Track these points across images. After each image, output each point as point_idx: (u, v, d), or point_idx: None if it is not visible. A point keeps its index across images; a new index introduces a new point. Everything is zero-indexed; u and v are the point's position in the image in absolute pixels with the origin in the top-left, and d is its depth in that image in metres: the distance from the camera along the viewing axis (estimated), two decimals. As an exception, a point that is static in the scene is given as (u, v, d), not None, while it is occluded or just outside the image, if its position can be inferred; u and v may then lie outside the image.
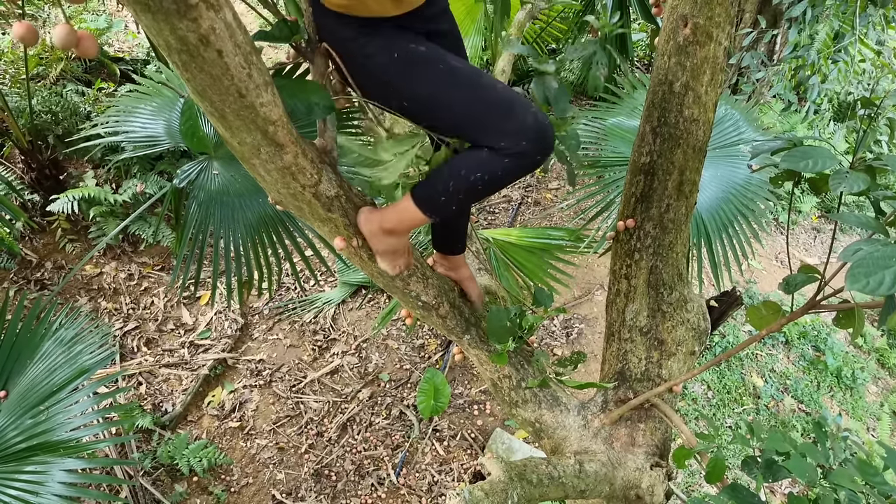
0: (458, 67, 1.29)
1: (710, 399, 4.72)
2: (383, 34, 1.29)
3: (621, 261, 1.98)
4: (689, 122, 1.80)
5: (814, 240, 6.28)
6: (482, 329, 1.88)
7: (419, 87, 1.30)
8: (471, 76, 1.28)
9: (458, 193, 1.31)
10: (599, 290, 5.27)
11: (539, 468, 1.67)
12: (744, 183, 3.09)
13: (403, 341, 4.71)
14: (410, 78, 1.29)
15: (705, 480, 1.62)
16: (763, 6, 5.72)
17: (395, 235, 1.44)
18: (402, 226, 1.42)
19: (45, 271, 4.54)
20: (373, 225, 1.43)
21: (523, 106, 1.23)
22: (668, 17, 1.77)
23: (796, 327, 5.27)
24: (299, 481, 3.83)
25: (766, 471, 1.49)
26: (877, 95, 5.14)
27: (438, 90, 1.29)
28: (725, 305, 2.59)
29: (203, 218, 2.62)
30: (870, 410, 4.87)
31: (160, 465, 3.72)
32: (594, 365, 4.53)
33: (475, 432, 4.22)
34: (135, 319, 4.49)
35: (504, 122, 1.22)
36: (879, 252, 1.00)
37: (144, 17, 0.92)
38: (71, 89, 4.91)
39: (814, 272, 1.47)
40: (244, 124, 1.14)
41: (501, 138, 1.22)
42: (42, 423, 2.31)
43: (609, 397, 1.93)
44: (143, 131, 2.96)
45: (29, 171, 4.55)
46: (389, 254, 1.48)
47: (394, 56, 1.28)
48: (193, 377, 4.21)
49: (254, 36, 1.15)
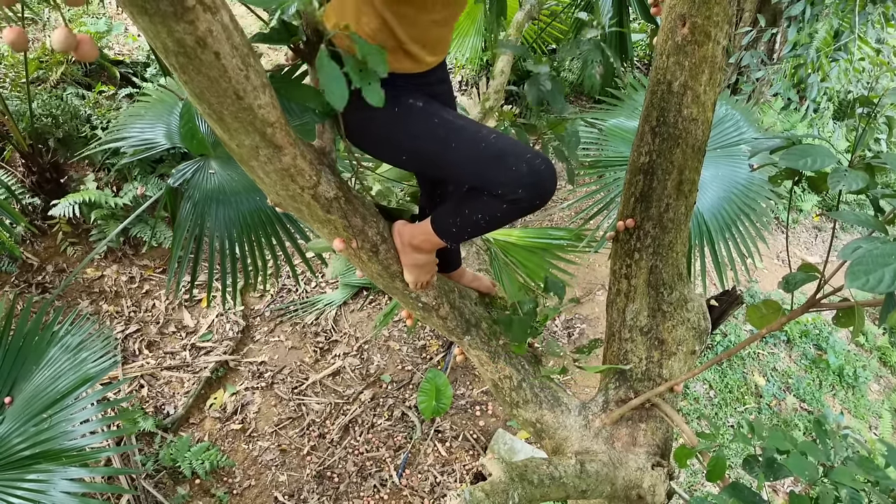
0: (454, 122, 1.33)
1: (712, 398, 4.72)
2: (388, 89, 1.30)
3: (621, 261, 1.97)
4: (688, 122, 1.80)
5: (814, 238, 6.27)
6: (483, 330, 1.88)
7: (419, 144, 1.36)
8: (467, 130, 1.32)
9: (465, 227, 1.43)
10: (600, 290, 5.27)
11: (540, 468, 1.67)
12: (745, 183, 3.09)
13: (405, 342, 4.71)
14: (410, 134, 1.36)
15: (706, 479, 1.61)
16: (762, 5, 5.71)
17: (420, 252, 1.53)
18: (426, 245, 1.52)
19: (46, 275, 4.54)
20: (403, 238, 1.54)
21: (517, 156, 1.27)
22: (666, 17, 1.77)
23: (798, 326, 5.27)
24: (301, 483, 3.83)
25: (767, 470, 1.49)
26: (876, 94, 5.14)
27: (437, 147, 1.34)
28: (726, 304, 2.59)
29: (199, 217, 2.62)
30: (872, 408, 4.86)
31: (162, 468, 3.72)
32: (595, 364, 4.53)
33: (477, 433, 4.22)
34: (136, 322, 4.49)
35: (499, 174, 1.28)
36: (879, 250, 1.00)
37: (141, 19, 0.92)
38: (71, 92, 4.92)
39: (814, 270, 1.47)
40: (242, 126, 1.14)
41: (498, 187, 1.29)
42: (46, 431, 2.31)
43: (610, 397, 1.93)
44: (142, 135, 2.96)
45: (30, 174, 4.56)
46: (414, 267, 1.56)
47: (394, 111, 1.33)
48: (195, 379, 4.21)
49: (252, 38, 1.15)
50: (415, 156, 1.40)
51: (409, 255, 1.55)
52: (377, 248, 1.52)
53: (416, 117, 1.35)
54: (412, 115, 1.35)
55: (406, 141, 1.37)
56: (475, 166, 1.30)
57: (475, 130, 1.33)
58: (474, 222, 1.40)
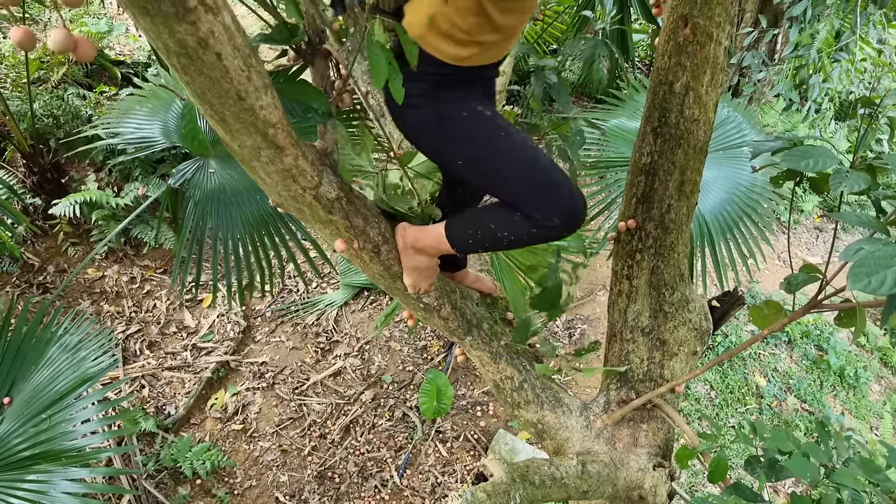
0: (515, 137, 1.35)
1: (713, 399, 4.72)
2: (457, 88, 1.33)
3: (623, 261, 1.97)
4: (689, 123, 1.80)
5: (816, 239, 6.27)
6: (484, 330, 1.88)
7: (479, 153, 1.36)
8: (523, 150, 1.34)
9: (484, 241, 1.42)
10: (602, 291, 5.26)
11: (541, 469, 1.67)
12: (748, 184, 3.09)
13: (406, 343, 4.71)
14: (474, 143, 1.35)
15: (708, 480, 1.61)
16: (764, 5, 5.71)
17: (423, 255, 1.51)
18: (432, 249, 1.49)
19: (47, 275, 4.55)
20: (406, 239, 1.50)
21: (561, 185, 1.32)
22: (668, 17, 1.77)
23: (799, 327, 5.26)
24: (302, 483, 3.83)
25: (768, 470, 1.49)
26: (877, 94, 5.13)
27: (497, 162, 1.35)
28: (727, 305, 2.58)
29: (200, 217, 2.61)
30: (873, 409, 4.86)
31: (163, 468, 3.72)
32: (596, 365, 4.53)
33: (478, 433, 4.22)
34: (137, 322, 4.49)
35: (543, 199, 1.32)
36: (881, 251, 0.99)
37: (143, 20, 0.92)
38: (72, 93, 4.93)
39: (815, 271, 1.47)
40: (244, 127, 1.14)
41: (537, 211, 1.32)
42: (46, 431, 2.30)
43: (611, 398, 1.93)
44: (139, 132, 2.96)
45: (31, 174, 4.56)
46: (414, 270, 1.54)
47: (463, 115, 1.34)
48: (196, 380, 4.21)
49: (254, 38, 1.15)
50: (470, 163, 1.39)
51: (411, 257, 1.52)
52: (379, 248, 1.52)
53: (484, 127, 1.35)
54: (481, 124, 1.35)
55: (468, 148, 1.37)
56: (524, 187, 1.33)
57: (531, 150, 1.34)
58: (497, 238, 1.40)
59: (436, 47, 1.30)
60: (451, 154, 1.41)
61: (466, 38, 1.28)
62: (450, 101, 1.35)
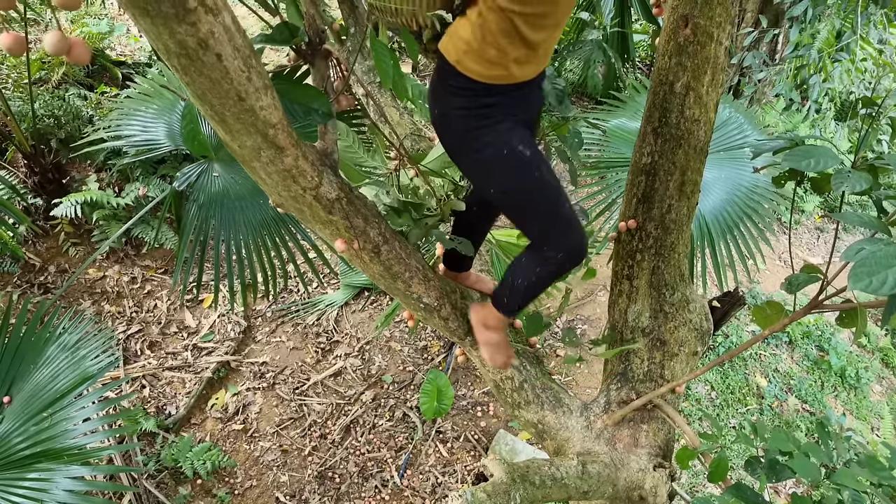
0: (548, 181, 1.47)
1: (714, 399, 4.71)
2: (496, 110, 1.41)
3: (623, 262, 1.97)
4: (690, 123, 1.80)
5: (817, 239, 6.26)
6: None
7: (515, 188, 1.48)
8: (549, 194, 1.47)
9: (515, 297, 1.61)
10: (602, 291, 5.26)
11: (542, 469, 1.66)
12: (749, 185, 3.09)
13: (406, 343, 4.71)
14: (511, 177, 1.46)
15: (708, 480, 1.61)
16: (764, 5, 5.71)
17: (492, 331, 1.70)
18: (493, 322, 1.69)
19: (48, 275, 4.55)
20: (476, 317, 1.73)
21: (574, 228, 1.49)
22: (668, 18, 1.77)
23: (800, 327, 5.26)
24: (303, 483, 3.83)
25: (769, 471, 1.49)
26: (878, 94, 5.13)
27: (527, 197, 1.48)
28: (728, 306, 2.58)
29: (203, 220, 2.62)
30: (874, 410, 4.85)
31: (164, 468, 3.72)
32: (597, 366, 4.53)
33: (478, 434, 4.21)
34: (138, 322, 4.49)
35: (555, 237, 1.49)
36: (882, 251, 0.99)
37: (143, 21, 0.92)
38: (73, 93, 4.93)
39: (816, 272, 1.47)
40: (244, 127, 1.14)
41: (546, 244, 1.50)
42: (46, 430, 2.31)
43: (611, 398, 1.93)
44: (144, 135, 2.96)
45: (32, 175, 4.56)
46: (487, 346, 1.73)
47: (503, 153, 1.43)
48: (197, 380, 4.21)
49: (254, 39, 1.15)
50: (504, 194, 1.51)
51: (483, 333, 1.71)
52: (379, 248, 1.52)
53: (522, 167, 1.44)
54: (520, 164, 1.44)
55: (505, 181, 1.48)
56: (546, 223, 1.49)
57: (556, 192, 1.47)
58: (527, 289, 1.57)
59: (471, 69, 1.36)
60: (485, 182, 1.54)
61: (500, 57, 1.34)
62: (490, 128, 1.43)
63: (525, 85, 1.44)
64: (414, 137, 2.59)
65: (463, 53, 1.36)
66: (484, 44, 1.32)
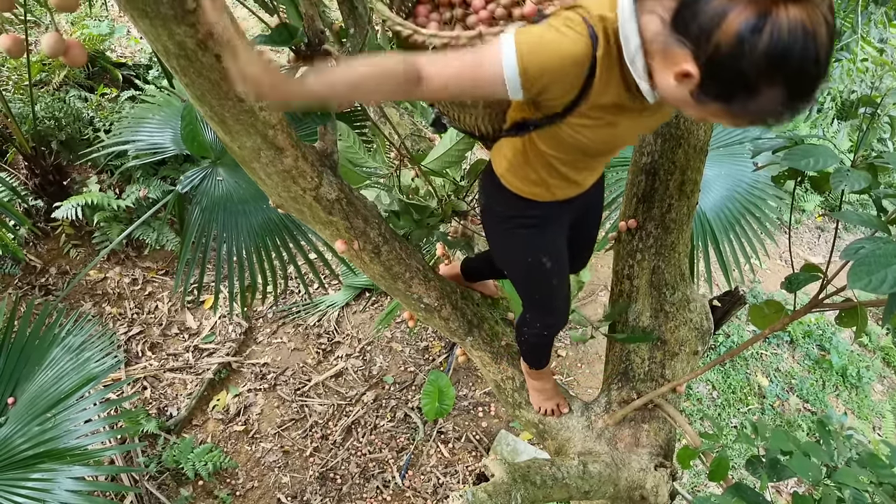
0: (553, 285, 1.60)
1: (715, 399, 4.71)
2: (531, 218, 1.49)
3: (624, 261, 1.97)
4: (690, 122, 1.80)
5: (817, 238, 6.26)
6: (485, 331, 1.88)
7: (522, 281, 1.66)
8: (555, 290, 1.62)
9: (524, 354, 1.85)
10: (602, 291, 5.26)
11: (543, 469, 1.66)
12: (749, 182, 3.08)
13: (407, 344, 4.71)
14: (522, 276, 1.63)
15: (709, 480, 1.61)
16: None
17: (535, 379, 1.88)
18: (530, 373, 1.87)
19: (49, 277, 4.55)
20: (524, 368, 1.88)
21: (559, 314, 1.69)
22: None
23: (801, 326, 5.26)
24: (304, 484, 3.83)
25: (770, 470, 1.49)
26: (879, 94, 5.12)
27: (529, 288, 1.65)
28: (728, 305, 2.58)
29: (206, 223, 2.62)
30: (875, 409, 4.85)
31: (165, 470, 3.72)
32: (598, 366, 4.52)
33: (480, 434, 4.21)
34: (139, 324, 4.50)
35: (542, 316, 1.69)
36: (881, 250, 0.99)
37: (142, 22, 0.92)
38: (74, 95, 4.93)
39: (817, 271, 1.47)
40: (244, 128, 1.14)
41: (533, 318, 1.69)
42: (49, 431, 2.31)
43: (612, 398, 1.93)
44: (151, 139, 2.98)
45: (33, 176, 4.56)
46: (534, 392, 1.90)
47: (527, 260, 1.54)
48: (198, 381, 4.21)
49: (253, 40, 1.15)
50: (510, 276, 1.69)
51: (530, 381, 1.90)
52: (379, 249, 1.52)
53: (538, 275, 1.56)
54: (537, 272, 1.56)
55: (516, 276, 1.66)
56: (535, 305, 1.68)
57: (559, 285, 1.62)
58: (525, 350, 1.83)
59: (513, 184, 1.41)
60: (502, 264, 1.69)
61: (541, 181, 1.38)
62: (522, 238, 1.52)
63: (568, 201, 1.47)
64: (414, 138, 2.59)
65: (505, 170, 1.41)
66: (526, 167, 1.37)
